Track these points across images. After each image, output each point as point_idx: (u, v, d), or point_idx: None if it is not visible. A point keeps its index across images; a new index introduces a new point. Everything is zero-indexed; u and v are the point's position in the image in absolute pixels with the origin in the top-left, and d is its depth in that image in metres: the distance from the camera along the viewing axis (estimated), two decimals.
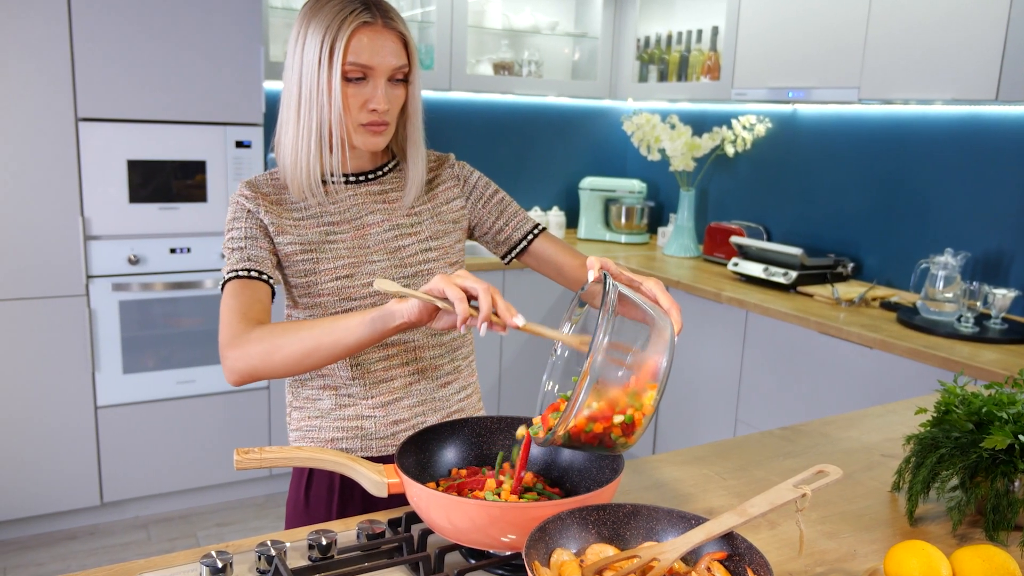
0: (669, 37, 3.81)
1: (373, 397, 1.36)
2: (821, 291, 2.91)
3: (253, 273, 1.25)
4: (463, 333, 1.41)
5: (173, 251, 3.00)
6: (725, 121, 3.68)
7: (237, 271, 1.25)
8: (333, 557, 1.03)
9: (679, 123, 3.65)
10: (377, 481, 1.03)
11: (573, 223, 4.33)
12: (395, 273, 1.34)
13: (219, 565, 0.97)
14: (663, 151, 3.73)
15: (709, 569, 0.89)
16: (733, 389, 3.01)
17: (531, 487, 1.11)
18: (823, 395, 2.65)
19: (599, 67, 4.03)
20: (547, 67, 4.11)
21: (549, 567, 0.89)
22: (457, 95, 3.91)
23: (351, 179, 1.37)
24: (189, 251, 3.03)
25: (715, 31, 3.53)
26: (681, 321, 1.05)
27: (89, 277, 2.88)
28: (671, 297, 1.08)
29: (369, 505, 1.35)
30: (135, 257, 2.93)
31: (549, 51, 4.13)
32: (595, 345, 0.93)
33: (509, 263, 1.50)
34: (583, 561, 0.91)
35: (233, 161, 3.03)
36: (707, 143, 3.56)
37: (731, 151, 3.53)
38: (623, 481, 1.29)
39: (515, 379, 3.65)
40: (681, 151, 3.57)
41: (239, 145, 3.03)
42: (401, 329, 1.09)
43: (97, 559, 2.86)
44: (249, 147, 3.05)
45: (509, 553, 1.00)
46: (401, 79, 1.31)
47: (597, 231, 4.12)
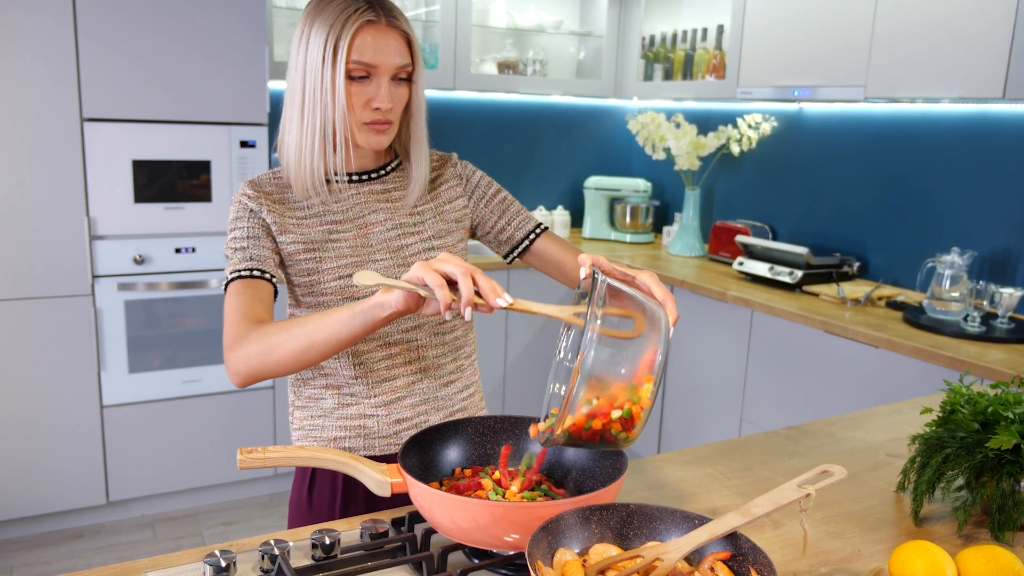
0: (674, 36, 3.80)
1: (376, 396, 1.36)
2: (827, 290, 2.90)
3: (256, 273, 1.25)
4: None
5: (178, 251, 3.01)
6: (730, 120, 3.67)
7: (240, 271, 1.25)
8: (336, 556, 1.02)
9: (684, 122, 3.64)
10: (380, 481, 1.03)
11: (578, 222, 4.32)
12: (398, 272, 1.34)
13: (223, 564, 0.97)
14: (668, 150, 3.73)
15: (713, 569, 0.89)
16: (738, 389, 3.00)
17: (535, 487, 1.11)
18: (828, 395, 2.65)
19: (604, 66, 4.03)
20: (552, 66, 4.11)
21: (552, 567, 0.89)
22: (461, 94, 3.91)
23: (354, 178, 1.37)
24: (194, 251, 3.03)
25: (720, 30, 3.52)
26: (676, 312, 1.04)
27: (95, 277, 2.89)
28: (666, 289, 1.06)
29: (372, 504, 1.35)
30: (140, 257, 2.94)
31: (554, 50, 4.12)
32: (584, 341, 0.92)
33: (511, 262, 1.50)
34: (586, 561, 0.91)
35: (238, 161, 3.04)
36: (712, 142, 3.55)
37: (736, 150, 3.53)
38: (627, 481, 1.29)
39: (519, 378, 3.65)
40: (686, 150, 3.56)
41: (244, 145, 3.04)
42: (392, 319, 1.08)
43: (103, 557, 2.87)
44: (254, 147, 3.06)
45: (512, 553, 1.00)
46: (404, 78, 1.31)
47: (602, 230, 4.11)
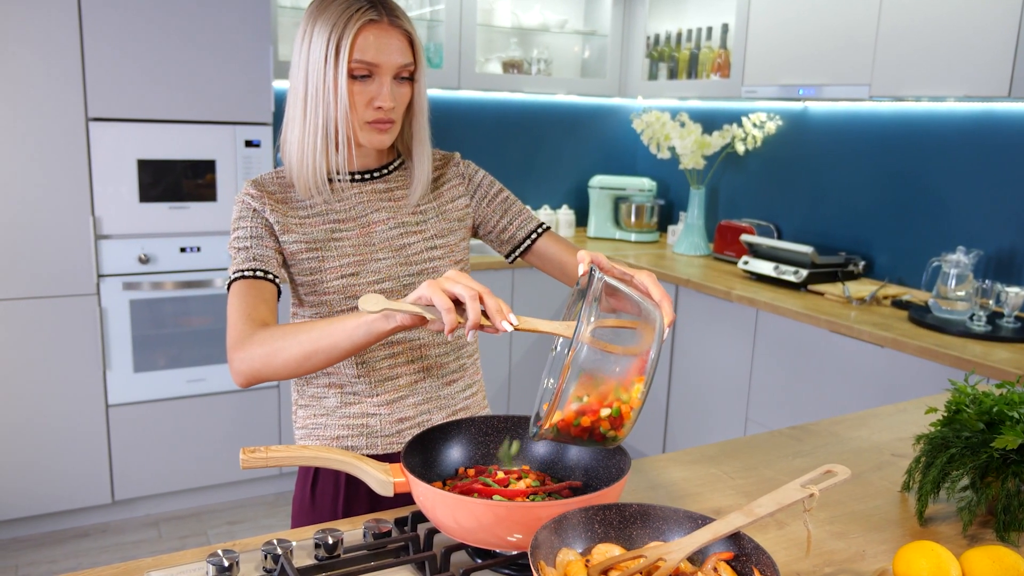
0: (679, 34, 3.80)
1: (378, 395, 1.36)
2: (832, 289, 2.89)
3: (259, 273, 1.25)
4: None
5: (183, 250, 3.01)
6: (735, 119, 3.66)
7: (243, 271, 1.25)
8: (339, 556, 1.02)
9: (689, 121, 3.63)
10: (383, 480, 1.03)
11: (583, 222, 4.32)
12: (400, 271, 1.34)
13: (225, 564, 0.98)
14: (673, 149, 3.72)
15: (716, 569, 0.89)
16: (743, 388, 3.00)
17: (536, 486, 1.11)
18: (834, 394, 2.64)
19: (609, 65, 4.02)
20: (556, 65, 4.10)
21: (555, 567, 0.89)
22: (466, 94, 3.91)
23: (357, 177, 1.37)
24: (199, 250, 3.04)
25: (725, 28, 3.51)
26: (673, 313, 1.04)
27: (100, 276, 2.90)
28: (663, 289, 1.06)
29: (375, 504, 1.35)
30: (145, 256, 2.94)
31: (558, 49, 4.12)
32: (577, 336, 0.92)
33: (513, 262, 1.50)
34: (589, 561, 0.90)
35: (243, 160, 3.04)
36: (717, 141, 3.54)
37: (741, 149, 3.52)
38: (630, 480, 1.29)
39: (524, 378, 3.65)
40: (691, 149, 3.56)
41: (248, 144, 3.04)
42: (397, 331, 1.08)
43: (109, 556, 2.88)
44: (258, 146, 3.06)
45: (515, 553, 0.99)
46: (407, 77, 1.31)
47: (607, 230, 4.11)
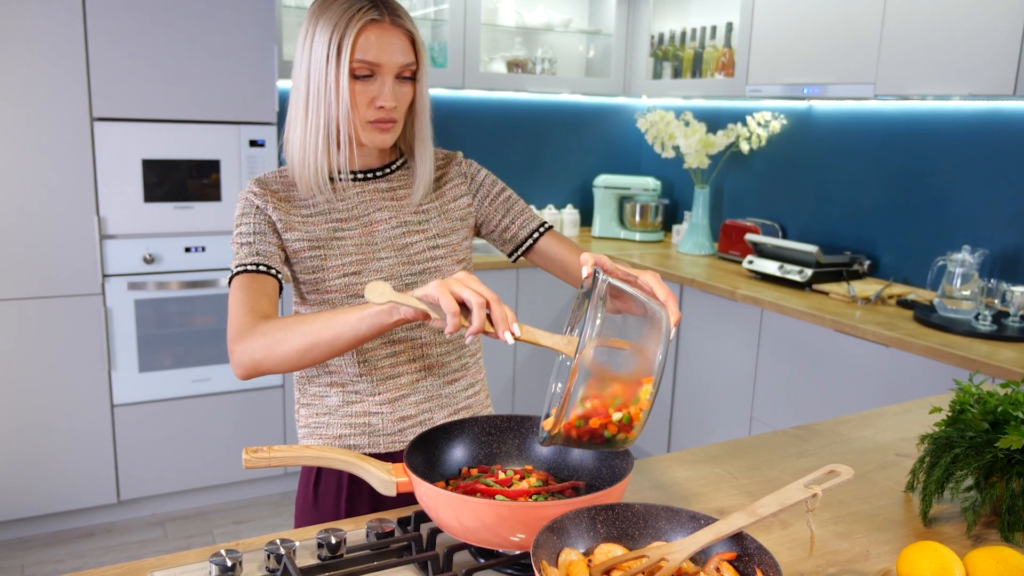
0: (683, 34, 3.79)
1: (380, 393, 1.36)
2: (837, 289, 2.88)
3: (261, 267, 1.26)
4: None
5: (188, 250, 3.02)
6: (740, 118, 3.65)
7: (245, 265, 1.26)
8: (342, 556, 1.02)
9: (693, 120, 3.63)
10: (386, 480, 1.03)
11: (587, 221, 4.31)
12: (403, 270, 1.34)
13: (228, 564, 0.98)
14: (677, 148, 3.72)
15: (718, 569, 0.88)
16: (748, 387, 2.99)
17: (539, 486, 1.10)
18: (839, 394, 2.63)
19: (613, 64, 4.02)
20: (561, 64, 4.10)
21: (557, 567, 0.89)
22: (470, 93, 3.91)
23: (359, 176, 1.37)
24: (204, 250, 3.04)
25: (729, 27, 3.50)
26: (679, 313, 1.03)
27: (105, 276, 2.90)
28: (668, 289, 1.06)
29: (377, 503, 1.35)
30: (150, 256, 2.95)
31: (563, 48, 4.12)
32: (583, 341, 0.92)
33: (516, 261, 1.50)
34: (591, 561, 0.90)
35: (247, 160, 3.05)
36: (722, 140, 3.54)
37: (746, 148, 3.51)
38: (634, 480, 1.29)
39: (529, 378, 3.64)
40: (695, 148, 3.55)
41: (253, 144, 3.04)
42: (399, 324, 1.08)
43: (114, 556, 2.88)
44: (263, 146, 3.07)
45: (518, 552, 0.99)
46: (409, 77, 1.31)
47: (611, 229, 4.10)
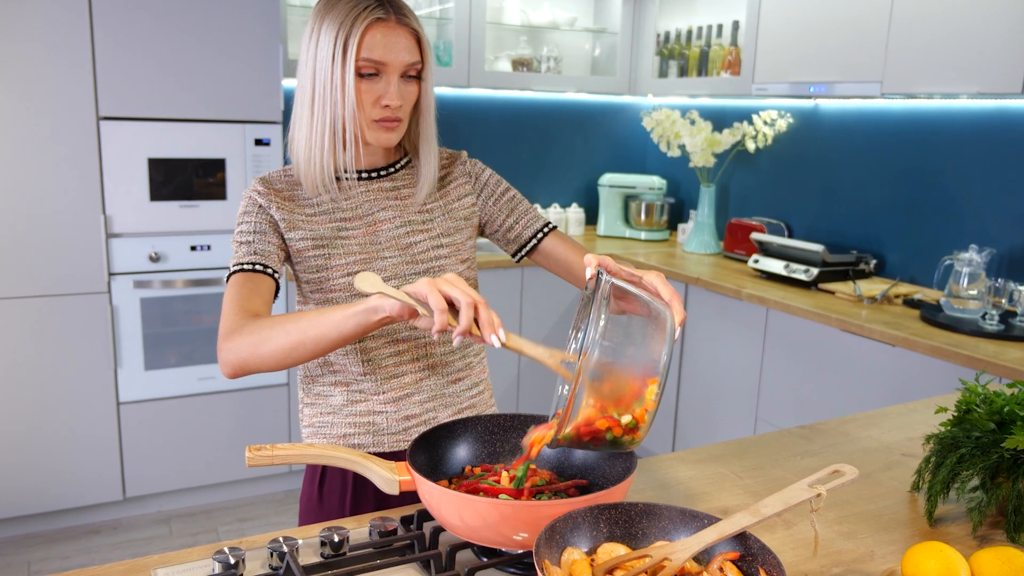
0: (689, 32, 3.78)
1: (384, 393, 1.36)
2: (843, 288, 2.87)
3: (258, 267, 1.26)
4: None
5: (193, 248, 3.02)
6: (746, 116, 3.64)
7: (242, 264, 1.26)
8: (345, 554, 1.03)
9: (699, 119, 3.62)
10: (389, 479, 1.03)
11: (593, 220, 4.31)
12: (406, 269, 1.34)
13: (231, 561, 0.98)
14: (683, 147, 3.71)
15: (721, 569, 0.88)
16: (753, 387, 2.99)
17: (542, 485, 1.10)
18: (844, 393, 2.62)
19: (618, 63, 4.01)
20: (566, 63, 4.10)
21: (560, 566, 0.89)
22: (475, 92, 3.91)
23: (363, 176, 1.37)
24: (209, 248, 3.05)
25: (736, 25, 3.49)
26: (683, 312, 1.03)
27: (111, 274, 2.91)
28: (672, 288, 1.06)
29: (382, 502, 1.35)
30: (156, 255, 2.96)
31: (568, 47, 4.11)
32: (587, 343, 0.91)
33: (519, 261, 1.50)
34: (594, 560, 0.90)
35: (252, 159, 3.05)
36: (727, 139, 3.53)
37: (752, 147, 3.50)
38: (637, 479, 1.28)
39: (533, 377, 3.64)
40: (701, 147, 3.55)
41: (258, 143, 3.05)
42: (384, 324, 1.08)
43: (120, 553, 2.89)
44: (268, 145, 3.07)
45: (521, 551, 0.99)
46: (414, 76, 1.31)
47: (617, 228, 4.10)
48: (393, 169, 1.40)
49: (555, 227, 1.47)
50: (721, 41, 3.60)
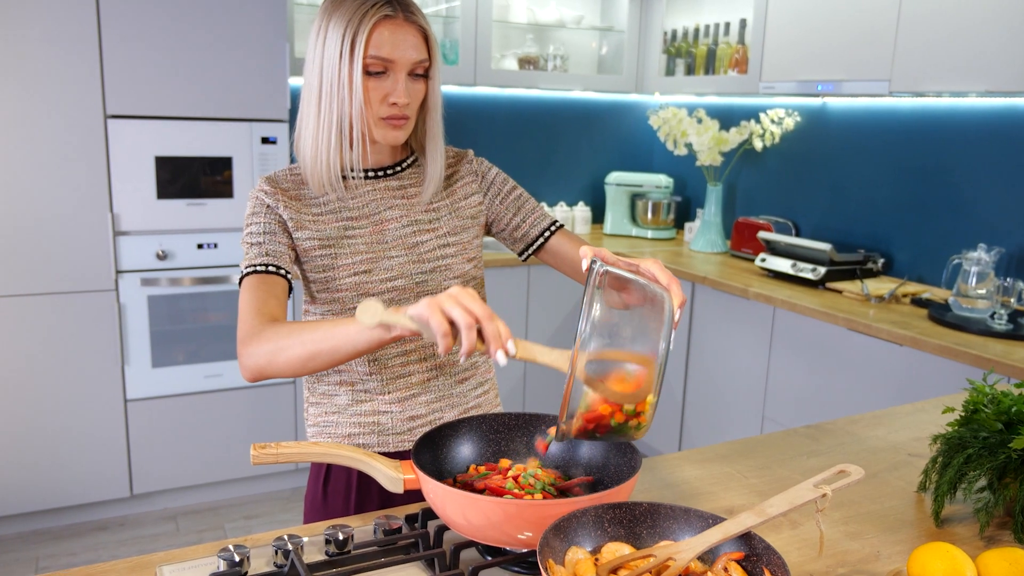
0: (696, 30, 3.77)
1: (390, 393, 1.36)
2: (850, 287, 2.86)
3: (271, 268, 1.26)
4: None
5: (200, 246, 3.03)
6: (753, 115, 3.63)
7: (255, 266, 1.25)
8: (349, 552, 1.03)
9: (706, 117, 3.61)
10: (393, 477, 1.03)
11: (599, 218, 4.30)
12: (412, 268, 1.34)
13: (236, 559, 0.98)
14: (690, 146, 3.70)
15: (726, 569, 0.88)
16: (760, 386, 2.98)
17: (548, 484, 1.10)
18: (852, 393, 2.61)
19: (625, 61, 4.00)
20: (573, 61, 4.09)
21: (564, 565, 0.89)
22: (482, 90, 3.90)
23: (370, 174, 1.37)
24: (216, 246, 3.06)
25: (743, 24, 3.48)
26: (683, 295, 1.02)
27: (118, 272, 2.92)
28: (670, 273, 1.05)
29: (386, 501, 1.35)
30: (163, 252, 2.97)
31: (575, 45, 4.11)
32: (581, 331, 0.91)
33: (526, 260, 1.49)
34: (598, 560, 0.90)
35: (259, 157, 3.06)
36: (735, 137, 3.52)
37: (759, 145, 3.49)
38: (643, 479, 1.28)
39: (539, 376, 3.64)
40: (708, 145, 3.54)
41: (265, 141, 3.05)
42: (397, 339, 1.07)
43: (127, 549, 2.90)
44: (275, 143, 3.07)
45: (525, 550, 0.99)
46: (421, 74, 1.30)
47: (623, 226, 4.09)
48: (400, 168, 1.40)
49: (562, 225, 1.46)
50: (728, 39, 3.59)
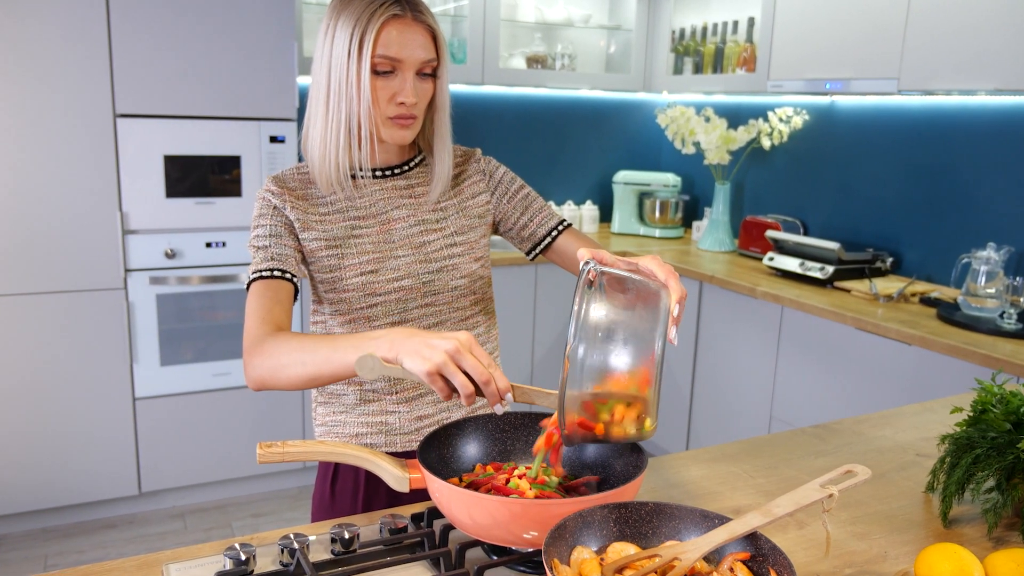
0: (704, 29, 3.76)
1: (397, 392, 1.36)
2: (859, 286, 2.85)
3: (276, 272, 1.26)
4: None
5: (209, 245, 3.04)
6: (761, 113, 3.62)
7: (261, 271, 1.25)
8: (355, 551, 1.03)
9: (714, 116, 3.60)
10: (399, 476, 1.03)
11: (607, 217, 4.30)
12: (419, 268, 1.34)
13: (242, 558, 0.98)
14: (698, 144, 3.69)
15: (732, 569, 0.88)
16: (768, 386, 2.97)
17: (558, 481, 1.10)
18: (860, 392, 2.61)
19: (633, 60, 4.00)
20: (580, 60, 4.09)
21: (569, 565, 0.88)
22: (490, 89, 3.90)
23: (378, 174, 1.37)
24: (224, 245, 3.07)
25: (751, 22, 3.47)
26: (682, 288, 1.01)
27: (127, 271, 2.93)
28: (669, 268, 1.04)
29: (394, 501, 1.35)
30: (172, 251, 2.98)
31: (582, 44, 4.10)
32: (570, 334, 0.90)
33: (533, 259, 1.49)
34: (603, 559, 0.90)
35: (267, 156, 3.06)
36: (743, 136, 3.51)
37: (767, 144, 3.48)
38: (649, 478, 1.28)
39: (546, 375, 3.64)
40: (716, 144, 3.53)
41: (273, 140, 3.06)
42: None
43: (135, 547, 2.92)
44: (283, 142, 3.08)
45: (531, 550, 0.99)
46: (429, 73, 1.30)
47: (631, 225, 4.09)
48: (407, 167, 1.40)
49: (570, 225, 1.46)
50: (736, 38, 3.58)
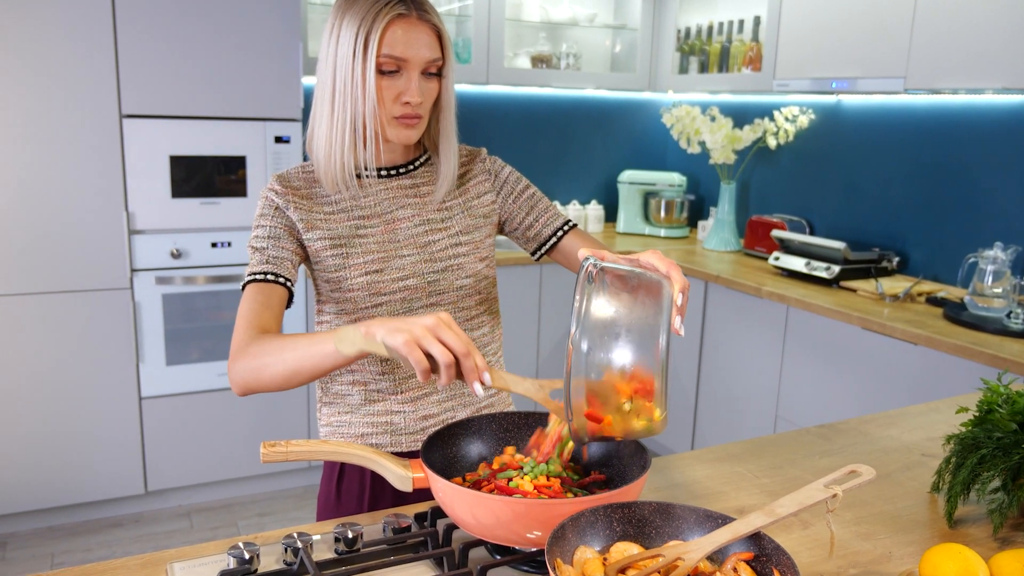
0: (710, 28, 3.75)
1: (402, 392, 1.36)
2: (865, 286, 2.84)
3: (269, 276, 1.25)
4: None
5: (214, 245, 3.05)
6: (767, 113, 3.62)
7: (255, 274, 1.25)
8: (359, 550, 1.03)
9: (719, 115, 3.60)
10: (402, 475, 1.03)
11: (612, 217, 4.29)
12: (424, 268, 1.34)
13: (246, 556, 0.98)
14: (703, 144, 3.69)
15: (735, 569, 0.88)
16: (773, 386, 2.96)
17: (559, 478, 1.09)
18: (866, 392, 2.60)
19: (638, 59, 3.99)
20: (586, 59, 4.08)
21: (572, 564, 0.88)
22: (495, 88, 3.90)
23: (383, 173, 1.37)
24: (230, 245, 3.07)
25: (757, 21, 3.47)
26: (684, 279, 1.00)
27: (133, 271, 2.94)
28: (670, 260, 1.04)
29: (399, 501, 1.35)
30: (177, 251, 2.98)
31: (588, 43, 4.10)
32: (573, 338, 0.90)
33: (539, 259, 1.49)
34: (606, 559, 0.90)
35: (272, 156, 3.07)
36: (748, 135, 3.50)
37: (773, 143, 3.48)
38: (653, 478, 1.28)
39: (552, 375, 3.64)
40: (721, 143, 3.52)
41: (278, 140, 3.07)
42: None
43: (141, 546, 2.93)
44: (288, 142, 3.09)
45: (534, 549, 0.99)
46: (435, 72, 1.30)
47: (636, 225, 4.08)
48: (412, 167, 1.40)
49: (575, 225, 1.46)
50: (742, 37, 3.57)
